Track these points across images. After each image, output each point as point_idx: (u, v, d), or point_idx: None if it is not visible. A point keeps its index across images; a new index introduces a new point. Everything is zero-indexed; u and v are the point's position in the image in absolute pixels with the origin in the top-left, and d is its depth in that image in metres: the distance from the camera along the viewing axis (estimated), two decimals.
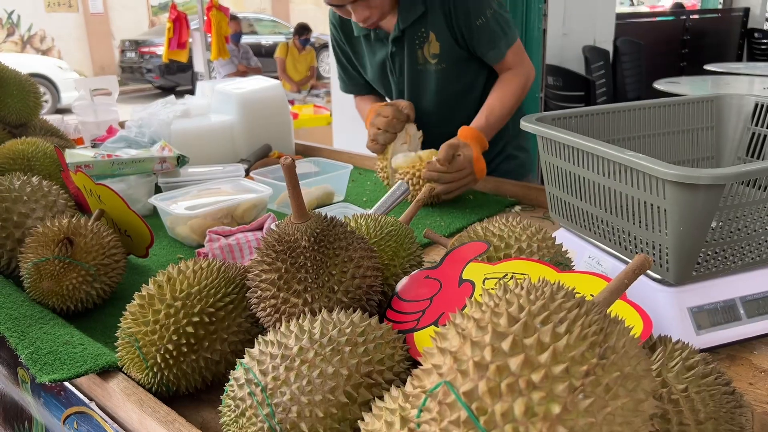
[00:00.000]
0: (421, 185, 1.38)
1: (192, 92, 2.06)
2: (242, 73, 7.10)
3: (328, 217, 0.71)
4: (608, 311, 0.47)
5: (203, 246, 1.13)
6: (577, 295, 0.47)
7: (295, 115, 4.75)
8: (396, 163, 1.45)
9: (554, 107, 4.42)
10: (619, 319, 0.46)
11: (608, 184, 0.83)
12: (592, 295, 0.58)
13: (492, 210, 1.38)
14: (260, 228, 1.16)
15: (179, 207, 1.22)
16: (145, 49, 11.09)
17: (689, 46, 6.29)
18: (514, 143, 1.73)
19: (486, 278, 0.68)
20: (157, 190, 1.46)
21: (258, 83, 1.91)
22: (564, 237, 0.97)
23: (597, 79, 4.45)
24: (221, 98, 1.84)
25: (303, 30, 7.23)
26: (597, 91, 4.29)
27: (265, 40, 12.04)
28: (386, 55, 1.59)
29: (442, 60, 1.52)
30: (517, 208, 1.40)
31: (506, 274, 0.67)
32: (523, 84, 1.56)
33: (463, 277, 0.70)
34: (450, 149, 1.36)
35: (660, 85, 4.24)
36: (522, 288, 0.44)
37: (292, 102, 6.37)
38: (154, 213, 1.40)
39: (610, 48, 4.90)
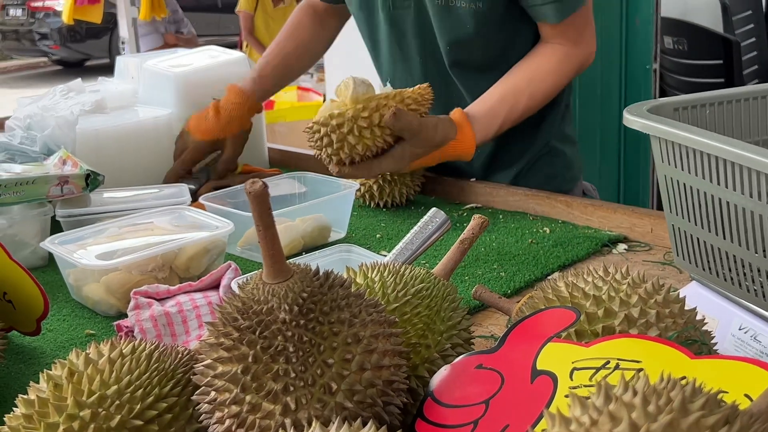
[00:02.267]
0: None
1: (110, 70, 2.10)
2: (171, 47, 7.18)
3: (321, 271, 0.71)
4: None
5: (126, 316, 1.13)
6: (725, 402, 0.46)
7: (269, 104, 4.80)
8: (341, 99, 1.46)
9: (676, 84, 4.42)
10: None
11: None
12: (749, 398, 0.56)
13: (580, 251, 1.37)
14: (215, 286, 1.16)
15: (89, 255, 1.23)
16: (38, 4, 11.35)
17: None
18: (557, 130, 1.75)
19: (575, 368, 0.67)
20: (56, 227, 1.47)
21: (210, 57, 1.93)
22: (698, 296, 0.96)
23: (743, 39, 4.44)
24: (153, 81, 1.87)
25: None
26: (744, 57, 4.28)
27: None
28: None
29: None
30: (622, 247, 1.39)
31: (607, 363, 0.66)
32: (574, 70, 1.61)
33: (538, 366, 0.69)
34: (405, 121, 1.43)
35: None
36: (635, 392, 0.43)
37: None
38: (50, 264, 1.40)
39: None
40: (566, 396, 0.63)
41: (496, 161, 1.76)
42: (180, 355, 0.77)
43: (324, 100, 4.69)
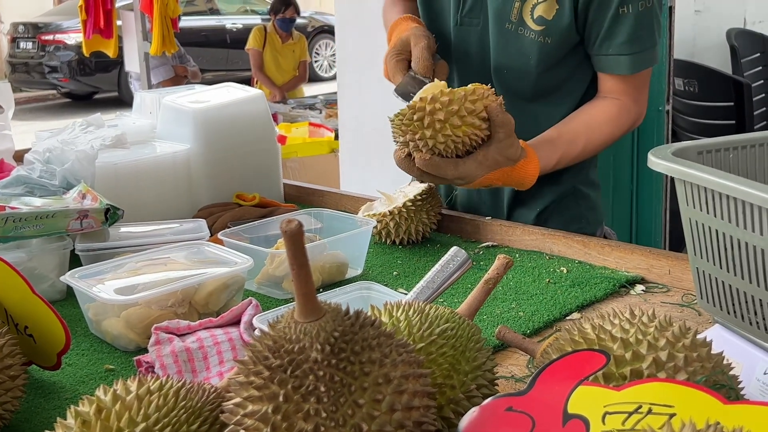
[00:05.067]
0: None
1: (119, 103, 2.11)
2: (180, 80, 7.21)
3: (351, 311, 0.71)
4: None
5: (145, 351, 1.12)
6: None
7: (282, 139, 4.83)
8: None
9: (687, 126, 4.42)
10: None
11: None
12: None
13: (597, 291, 1.36)
14: (236, 322, 1.15)
15: (108, 289, 1.23)
16: (48, 37, 11.42)
17: None
18: (582, 174, 1.75)
19: (607, 413, 0.66)
20: (75, 261, 1.47)
21: (228, 93, 1.94)
22: (722, 339, 0.96)
23: (753, 80, 4.46)
24: (172, 116, 1.88)
25: (283, 5, 7.34)
26: (755, 97, 4.30)
27: (232, 22, 12.37)
28: None
29: (550, 31, 1.54)
30: (639, 288, 1.38)
31: (639, 407, 0.65)
32: (628, 125, 1.61)
33: (570, 410, 0.68)
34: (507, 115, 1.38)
35: None
36: None
37: (275, 117, 6.47)
38: (69, 298, 1.40)
39: None
40: None
41: (520, 198, 1.76)
42: (207, 393, 0.77)
43: (336, 137, 4.71)
